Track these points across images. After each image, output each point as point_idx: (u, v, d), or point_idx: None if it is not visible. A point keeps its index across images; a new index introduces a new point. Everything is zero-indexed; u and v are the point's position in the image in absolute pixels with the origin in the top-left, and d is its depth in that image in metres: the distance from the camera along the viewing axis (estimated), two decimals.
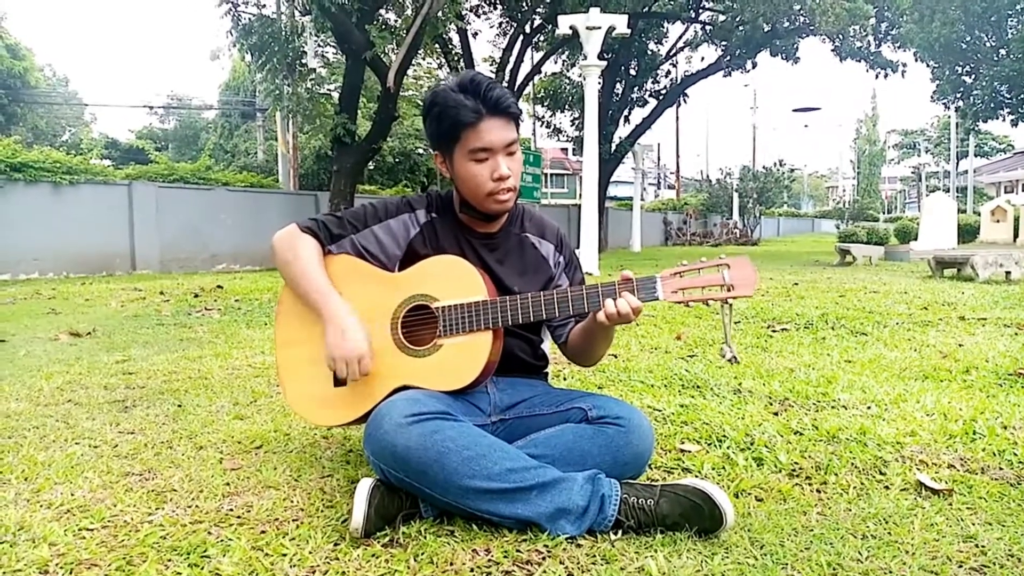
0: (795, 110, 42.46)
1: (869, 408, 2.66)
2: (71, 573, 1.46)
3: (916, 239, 16.90)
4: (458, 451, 1.58)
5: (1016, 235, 19.98)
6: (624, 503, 1.60)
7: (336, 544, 1.58)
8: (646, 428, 1.80)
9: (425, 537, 1.59)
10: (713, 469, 2.04)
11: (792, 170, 36.57)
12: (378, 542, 1.58)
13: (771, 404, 2.76)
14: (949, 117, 40.00)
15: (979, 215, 23.20)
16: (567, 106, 22.70)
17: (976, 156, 48.26)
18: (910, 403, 2.72)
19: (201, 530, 1.66)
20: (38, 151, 12.11)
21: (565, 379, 3.27)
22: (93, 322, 5.55)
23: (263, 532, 1.65)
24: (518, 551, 1.53)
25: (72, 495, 1.89)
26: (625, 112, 21.74)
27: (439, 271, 1.86)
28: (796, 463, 2.07)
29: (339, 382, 1.88)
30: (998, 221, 21.02)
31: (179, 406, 2.87)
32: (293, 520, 1.72)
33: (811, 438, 2.30)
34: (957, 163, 46.41)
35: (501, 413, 1.90)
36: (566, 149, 44.18)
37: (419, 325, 1.86)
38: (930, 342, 4.14)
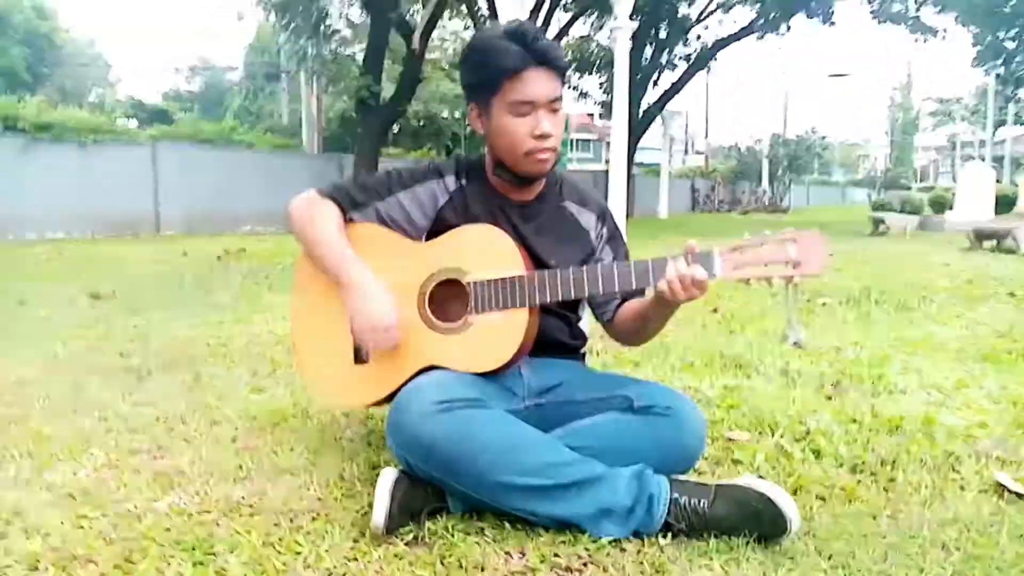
0: (830, 75, 41.36)
1: (929, 394, 2.47)
2: (63, 570, 1.33)
3: (951, 209, 16.44)
4: (491, 443, 1.42)
5: None
6: (675, 504, 1.43)
7: (355, 541, 1.44)
8: (697, 420, 1.61)
9: (453, 536, 1.44)
10: (766, 461, 1.86)
11: (823, 138, 35.71)
12: (401, 540, 1.43)
13: (823, 387, 2.56)
14: (988, 84, 38.74)
15: (1017, 185, 22.53)
16: (594, 69, 22.18)
17: (1015, 124, 46.82)
18: (973, 388, 2.53)
19: (209, 521, 1.52)
20: (63, 110, 12.05)
21: (598, 354, 3.10)
22: (114, 284, 5.46)
23: (276, 525, 1.51)
24: (556, 555, 1.38)
25: (75, 474, 1.77)
26: (654, 77, 21.18)
27: (471, 242, 1.67)
28: (858, 457, 1.88)
29: (360, 359, 1.73)
30: None
31: (195, 376, 2.75)
32: (309, 511, 1.57)
33: (871, 427, 2.11)
34: (994, 132, 45.12)
35: (536, 397, 1.73)
36: (592, 114, 43.42)
37: (448, 300, 1.69)
38: (982, 319, 3.92)
